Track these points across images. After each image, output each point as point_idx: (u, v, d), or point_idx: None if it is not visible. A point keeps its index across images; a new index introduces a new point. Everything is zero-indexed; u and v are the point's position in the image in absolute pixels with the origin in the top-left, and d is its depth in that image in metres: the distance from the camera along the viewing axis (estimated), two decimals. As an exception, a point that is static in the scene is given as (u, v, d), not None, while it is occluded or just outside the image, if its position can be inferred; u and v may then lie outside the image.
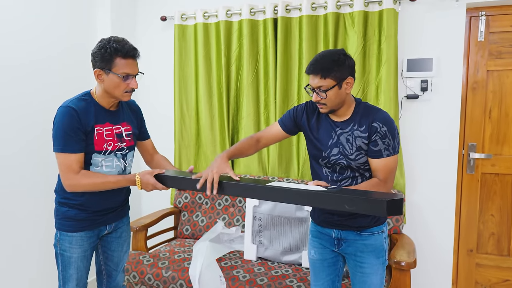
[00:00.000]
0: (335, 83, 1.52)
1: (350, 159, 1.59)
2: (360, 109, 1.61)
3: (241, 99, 2.87)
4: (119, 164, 1.76)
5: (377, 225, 1.65)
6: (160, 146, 3.15)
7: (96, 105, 1.69)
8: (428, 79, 2.50)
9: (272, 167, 2.83)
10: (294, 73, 2.72)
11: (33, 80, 2.46)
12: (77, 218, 1.70)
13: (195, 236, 2.79)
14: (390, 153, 1.55)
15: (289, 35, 2.69)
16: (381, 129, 1.53)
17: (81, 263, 1.74)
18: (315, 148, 1.67)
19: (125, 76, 1.63)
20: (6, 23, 2.28)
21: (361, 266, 1.65)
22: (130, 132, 1.81)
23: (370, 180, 1.59)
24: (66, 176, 1.62)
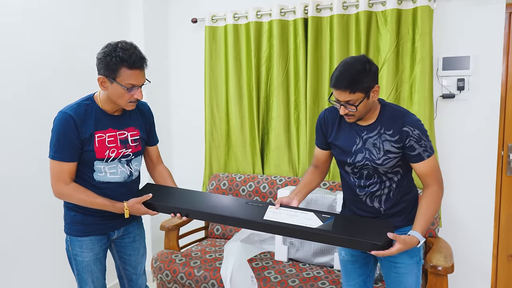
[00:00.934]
0: (363, 95, 1.47)
1: (377, 164, 1.55)
2: (386, 112, 1.57)
3: (271, 100, 2.86)
4: (124, 170, 1.71)
5: (410, 224, 1.60)
6: (191, 146, 3.23)
7: (98, 110, 1.64)
8: (465, 77, 2.42)
9: (303, 168, 2.81)
10: (324, 74, 2.69)
11: (67, 83, 2.51)
12: (85, 222, 1.69)
13: (225, 236, 2.81)
14: (430, 153, 1.53)
15: (320, 35, 2.67)
16: (413, 132, 1.50)
17: (95, 266, 1.74)
18: (340, 155, 1.65)
19: (130, 87, 1.56)
20: (35, 25, 2.32)
21: (395, 266, 1.62)
22: (138, 137, 1.75)
23: (426, 195, 1.54)
24: (55, 183, 1.61)
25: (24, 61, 2.27)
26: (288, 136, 2.83)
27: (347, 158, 1.61)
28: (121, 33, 2.94)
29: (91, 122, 1.61)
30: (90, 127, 1.61)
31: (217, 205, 1.70)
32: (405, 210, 1.63)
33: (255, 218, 1.61)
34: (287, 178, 2.73)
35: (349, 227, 1.56)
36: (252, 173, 2.95)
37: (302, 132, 2.78)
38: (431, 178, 1.54)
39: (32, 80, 2.32)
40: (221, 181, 2.89)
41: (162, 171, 1.92)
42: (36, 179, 2.31)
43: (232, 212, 1.64)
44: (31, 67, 2.31)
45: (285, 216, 1.60)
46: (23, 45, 2.26)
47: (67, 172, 1.61)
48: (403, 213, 1.63)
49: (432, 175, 1.54)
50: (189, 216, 1.71)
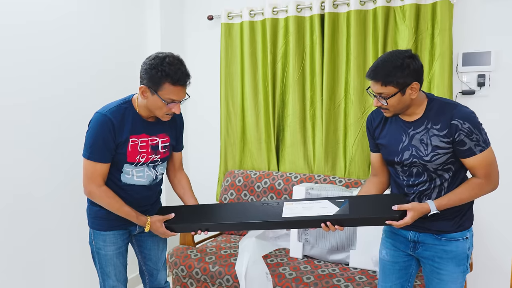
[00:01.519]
0: (397, 90, 1.43)
1: (425, 160, 1.49)
2: (433, 106, 1.50)
3: (287, 97, 2.85)
4: (150, 173, 1.75)
5: (460, 230, 1.53)
6: (206, 143, 3.24)
7: (135, 115, 1.66)
8: (485, 73, 2.37)
9: (318, 165, 2.80)
10: (341, 70, 2.67)
11: (85, 79, 2.56)
12: (109, 218, 1.72)
13: (240, 233, 2.81)
14: (483, 147, 1.44)
15: (337, 31, 2.65)
16: (463, 126, 1.42)
17: (117, 259, 1.77)
18: (387, 155, 1.61)
19: (169, 102, 1.58)
20: (52, 23, 2.35)
21: (438, 273, 1.56)
22: (168, 143, 1.77)
23: (469, 180, 1.50)
24: (88, 183, 1.64)
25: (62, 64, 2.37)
26: (303, 133, 2.82)
27: (394, 157, 1.57)
28: (139, 31, 2.98)
29: (128, 126, 1.64)
30: (126, 132, 1.64)
31: (235, 214, 1.73)
32: (457, 213, 1.53)
33: (274, 218, 1.63)
34: (302, 175, 2.72)
35: (365, 207, 1.57)
36: (267, 170, 2.95)
37: (318, 129, 2.77)
38: (480, 171, 1.47)
39: (69, 84, 2.43)
40: (236, 177, 2.89)
41: (181, 178, 1.95)
42: (62, 175, 2.41)
43: (251, 218, 1.67)
44: (68, 70, 2.41)
45: (302, 209, 1.62)
46: (57, 51, 2.36)
47: (101, 173, 1.64)
48: (455, 216, 1.53)
49: (484, 168, 1.46)
50: (210, 230, 1.74)
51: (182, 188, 1.93)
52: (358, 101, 2.61)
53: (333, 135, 2.72)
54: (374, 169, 1.75)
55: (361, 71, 2.59)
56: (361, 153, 2.64)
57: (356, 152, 2.65)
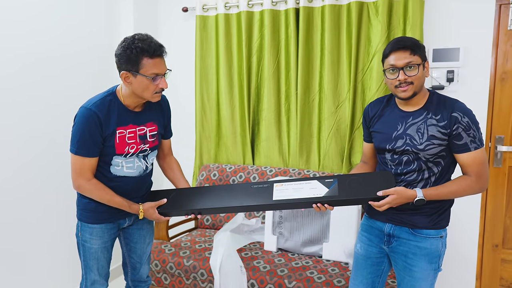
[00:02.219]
0: (421, 61, 1.51)
1: (418, 149, 1.51)
2: (434, 99, 1.55)
3: (262, 90, 2.85)
4: (140, 164, 1.74)
5: (435, 228, 1.55)
6: (181, 137, 3.21)
7: (120, 106, 1.64)
8: (454, 69, 2.44)
9: (293, 159, 2.82)
10: (316, 64, 2.69)
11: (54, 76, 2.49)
12: (98, 210, 1.71)
13: (215, 227, 2.81)
14: (478, 145, 1.47)
15: (311, 25, 2.66)
16: (462, 119, 1.46)
17: (102, 254, 1.76)
18: (379, 142, 1.64)
19: (154, 77, 1.57)
20: (23, 19, 2.29)
21: (410, 269, 1.57)
22: (156, 132, 1.76)
23: (460, 177, 1.52)
24: (76, 178, 1.63)
25: (23, 58, 2.27)
26: (278, 127, 2.83)
27: (387, 144, 1.60)
28: (111, 23, 2.91)
29: (114, 118, 1.62)
30: (113, 124, 1.62)
31: (226, 197, 1.74)
32: (435, 210, 1.55)
33: (265, 201, 1.66)
34: (277, 169, 2.74)
35: (354, 187, 1.59)
36: (242, 163, 2.95)
37: (293, 123, 2.79)
38: (471, 169, 1.49)
39: (32, 78, 2.33)
40: (211, 171, 2.88)
41: (171, 163, 1.96)
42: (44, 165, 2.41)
43: (243, 201, 1.69)
44: (28, 64, 2.31)
45: (292, 191, 1.65)
46: (20, 43, 2.25)
47: (89, 167, 1.62)
48: (433, 213, 1.55)
49: (475, 167, 1.48)
50: (202, 213, 1.75)
51: (172, 172, 1.94)
52: (332, 96, 2.63)
53: (307, 129, 2.74)
54: (365, 157, 1.81)
55: (335, 66, 2.61)
56: (335, 147, 2.68)
57: (330, 146, 2.69)
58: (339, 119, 2.65)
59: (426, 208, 1.54)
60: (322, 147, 2.73)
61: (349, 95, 2.60)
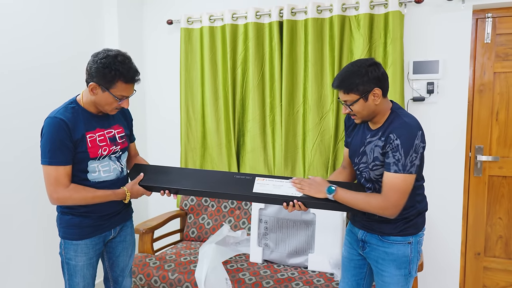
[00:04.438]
0: (358, 97, 1.51)
1: (369, 168, 1.58)
2: (390, 119, 1.55)
3: (247, 102, 2.87)
4: (115, 167, 1.75)
5: (402, 235, 1.59)
6: (166, 148, 3.20)
7: (84, 112, 1.67)
8: (434, 81, 2.50)
9: (278, 169, 2.83)
10: (299, 76, 2.72)
11: (38, 85, 2.46)
12: (82, 225, 1.69)
13: (201, 239, 2.80)
14: (398, 170, 1.45)
15: (295, 38, 2.70)
16: (394, 141, 1.46)
17: (87, 271, 1.73)
18: (350, 155, 1.70)
19: (120, 98, 1.62)
20: (11, 27, 2.29)
21: (381, 274, 1.63)
22: (123, 134, 1.81)
23: (372, 193, 1.58)
24: (55, 190, 1.59)
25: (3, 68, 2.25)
26: (263, 138, 2.85)
27: (355, 157, 1.66)
28: (96, 34, 2.90)
29: (80, 124, 1.64)
30: (81, 129, 1.63)
31: (207, 181, 1.79)
32: (400, 219, 1.58)
33: (244, 192, 1.71)
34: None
35: None
36: (228, 175, 2.94)
37: (278, 134, 2.81)
38: (383, 189, 1.50)
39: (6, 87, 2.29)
40: (197, 183, 2.87)
41: (139, 160, 1.99)
42: (22, 181, 2.35)
43: (223, 188, 1.74)
44: (8, 74, 2.28)
45: (272, 187, 1.70)
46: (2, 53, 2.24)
47: (65, 175, 1.60)
48: (398, 221, 1.58)
49: (386, 188, 1.49)
50: (179, 193, 1.79)
51: (139, 162, 1.97)
52: (316, 107, 2.66)
53: (292, 140, 2.76)
54: (345, 161, 1.85)
55: (318, 78, 2.65)
56: (319, 158, 2.70)
57: (315, 157, 2.71)
58: (323, 130, 2.68)
59: (392, 219, 1.58)
60: (307, 157, 2.75)
61: (332, 106, 2.64)
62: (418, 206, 1.62)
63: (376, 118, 1.58)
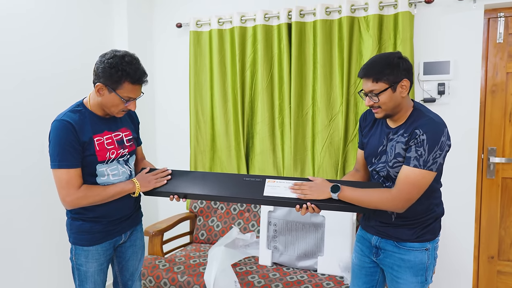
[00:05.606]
0: (387, 86, 1.47)
1: (389, 166, 1.53)
2: (413, 115, 1.51)
3: (256, 105, 2.87)
4: (124, 170, 1.74)
5: (420, 241, 1.54)
6: (175, 151, 3.21)
7: (91, 115, 1.65)
8: (445, 82, 2.46)
9: (287, 172, 2.82)
10: (308, 78, 2.71)
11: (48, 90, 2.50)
12: (92, 231, 1.68)
13: (210, 241, 2.80)
14: (418, 165, 1.41)
15: (304, 40, 2.69)
16: (419, 136, 1.42)
17: (98, 276, 1.73)
18: (367, 155, 1.66)
19: (127, 100, 1.61)
20: (21, 31, 2.33)
21: (397, 282, 1.58)
22: (131, 137, 1.80)
23: (382, 189, 1.53)
24: (67, 193, 1.57)
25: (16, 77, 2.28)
26: (272, 141, 2.84)
27: (373, 157, 1.62)
28: (105, 37, 2.93)
29: (87, 126, 1.62)
30: (88, 132, 1.62)
31: (216, 185, 1.75)
32: (418, 224, 1.54)
33: (255, 195, 1.66)
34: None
35: None
36: (237, 177, 2.94)
37: (287, 137, 2.80)
38: (398, 182, 1.46)
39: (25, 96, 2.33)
40: (206, 185, 2.87)
41: (146, 164, 1.96)
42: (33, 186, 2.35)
43: (232, 192, 1.70)
44: (22, 82, 2.31)
45: (283, 189, 1.66)
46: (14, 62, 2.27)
47: (77, 177, 1.59)
48: (415, 227, 1.54)
49: (402, 182, 1.44)
50: (188, 197, 1.76)
51: (145, 166, 1.94)
52: (325, 109, 2.65)
53: (301, 142, 2.75)
54: (358, 164, 1.81)
55: (327, 79, 2.63)
56: (329, 160, 2.69)
57: (324, 159, 2.69)
58: (333, 132, 2.67)
59: (409, 221, 1.54)
60: (316, 160, 2.74)
61: (342, 108, 2.62)
62: (436, 210, 1.58)
63: (398, 115, 1.53)
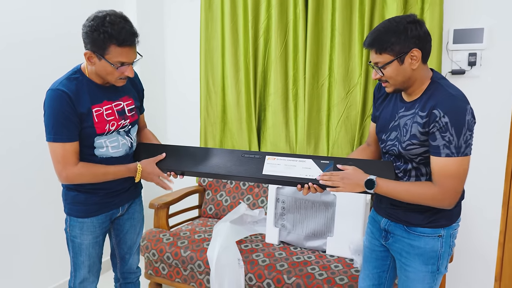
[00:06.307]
0: (393, 58, 1.29)
1: (402, 147, 1.37)
2: (431, 89, 1.32)
3: (268, 74, 2.70)
4: (125, 142, 1.64)
5: (431, 227, 1.38)
6: (185, 123, 3.11)
7: (90, 83, 1.53)
8: (477, 52, 2.22)
9: (300, 147, 2.68)
10: (325, 47, 2.51)
11: (47, 54, 2.38)
12: (88, 202, 1.61)
13: (218, 216, 2.71)
14: (452, 154, 1.24)
15: (321, 5, 2.47)
16: (440, 119, 1.23)
17: (93, 249, 1.66)
18: (378, 131, 1.49)
19: (119, 66, 1.46)
20: None
21: (405, 269, 1.45)
22: (133, 106, 1.67)
23: (426, 182, 1.35)
24: (63, 168, 1.48)
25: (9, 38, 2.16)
26: (285, 113, 2.69)
27: (383, 134, 1.46)
28: (114, 3, 2.79)
29: (85, 96, 1.51)
30: (86, 102, 1.50)
31: (213, 161, 1.66)
32: (430, 209, 1.37)
33: (254, 174, 1.57)
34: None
35: None
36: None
37: (300, 109, 2.63)
38: (436, 178, 1.29)
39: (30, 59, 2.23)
40: (215, 159, 2.77)
41: (147, 133, 1.87)
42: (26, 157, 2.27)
43: (229, 169, 1.61)
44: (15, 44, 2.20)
45: (284, 167, 1.55)
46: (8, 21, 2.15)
47: (73, 152, 1.50)
48: (426, 210, 1.38)
49: (439, 177, 1.28)
50: (185, 174, 1.67)
51: (148, 140, 1.83)
52: (342, 80, 2.46)
53: (316, 116, 2.58)
54: (369, 138, 1.65)
55: (346, 48, 2.43)
56: (345, 135, 2.52)
57: (340, 134, 2.53)
58: (350, 105, 2.49)
59: (421, 206, 1.37)
60: (331, 135, 2.58)
61: (360, 79, 2.42)
62: None
63: (412, 88, 1.35)
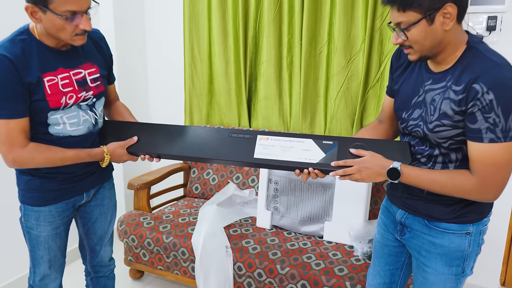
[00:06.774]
0: (420, 16, 1.02)
1: (428, 128, 1.12)
2: (468, 57, 1.07)
3: (260, 41, 2.43)
4: (87, 118, 1.38)
5: (458, 222, 1.16)
6: (169, 95, 2.83)
7: (40, 46, 1.27)
8: (497, 15, 1.97)
9: (295, 121, 2.44)
10: (325, 8, 2.24)
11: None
12: (44, 188, 1.36)
13: (205, 196, 2.49)
14: (497, 139, 1.01)
15: (321, -41, 2.18)
16: (483, 95, 0.99)
17: (53, 242, 1.43)
18: (397, 107, 1.24)
19: (69, 16, 1.18)
20: None
21: (423, 270, 1.24)
22: (98, 75, 1.40)
23: (461, 171, 1.11)
24: (9, 149, 1.24)
25: None
26: (279, 84, 2.43)
27: (403, 112, 1.20)
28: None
29: (34, 62, 1.24)
30: (35, 69, 1.24)
31: (197, 143, 1.43)
32: (459, 200, 1.15)
33: (243, 157, 1.36)
34: (276, 133, 2.37)
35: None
36: (237, 125, 2.58)
37: (296, 80, 2.38)
38: (476, 167, 1.06)
39: None
40: (202, 134, 2.53)
41: (119, 107, 1.60)
42: None
43: (216, 151, 1.38)
44: None
45: (279, 149, 1.34)
46: None
47: (20, 131, 1.24)
48: (454, 203, 1.16)
49: (480, 166, 1.05)
50: (162, 157, 1.45)
51: (120, 115, 1.57)
52: (343, 47, 2.20)
53: (312, 87, 2.33)
54: (382, 114, 1.39)
55: (348, 11, 2.16)
56: (344, 109, 2.28)
57: (339, 108, 2.29)
58: (351, 75, 2.24)
59: (446, 198, 1.14)
60: (329, 108, 2.34)
61: (363, 46, 2.17)
62: None
63: (442, 55, 1.09)
